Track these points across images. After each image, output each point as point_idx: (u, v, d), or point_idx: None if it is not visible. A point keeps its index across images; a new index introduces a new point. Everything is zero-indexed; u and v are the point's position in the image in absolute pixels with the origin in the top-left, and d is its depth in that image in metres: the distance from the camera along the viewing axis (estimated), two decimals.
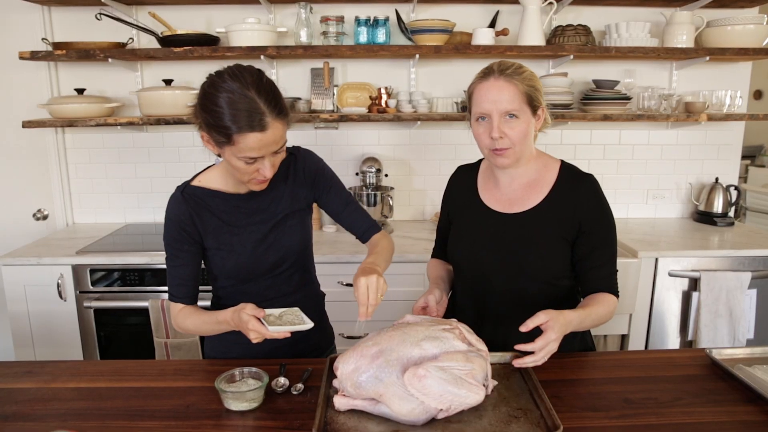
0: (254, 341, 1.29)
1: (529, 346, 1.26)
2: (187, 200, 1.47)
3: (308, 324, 1.33)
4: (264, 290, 1.54)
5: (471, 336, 1.30)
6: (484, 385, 1.21)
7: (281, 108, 1.31)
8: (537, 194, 1.52)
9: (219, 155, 1.41)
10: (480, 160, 1.68)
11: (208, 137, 1.34)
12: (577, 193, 1.49)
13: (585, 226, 1.47)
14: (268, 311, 1.34)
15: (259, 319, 1.28)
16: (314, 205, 1.64)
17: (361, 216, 1.65)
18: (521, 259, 1.50)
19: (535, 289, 1.50)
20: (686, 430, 1.17)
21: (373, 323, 1.43)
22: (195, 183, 1.51)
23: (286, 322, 1.34)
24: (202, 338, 2.44)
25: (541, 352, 1.25)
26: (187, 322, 1.47)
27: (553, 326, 1.26)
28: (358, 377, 1.19)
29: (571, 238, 1.49)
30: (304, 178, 1.57)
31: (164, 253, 1.49)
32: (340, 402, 1.20)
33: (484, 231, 1.56)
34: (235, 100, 1.26)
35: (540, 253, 1.49)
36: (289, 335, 1.30)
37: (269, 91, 1.31)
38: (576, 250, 1.50)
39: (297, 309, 1.40)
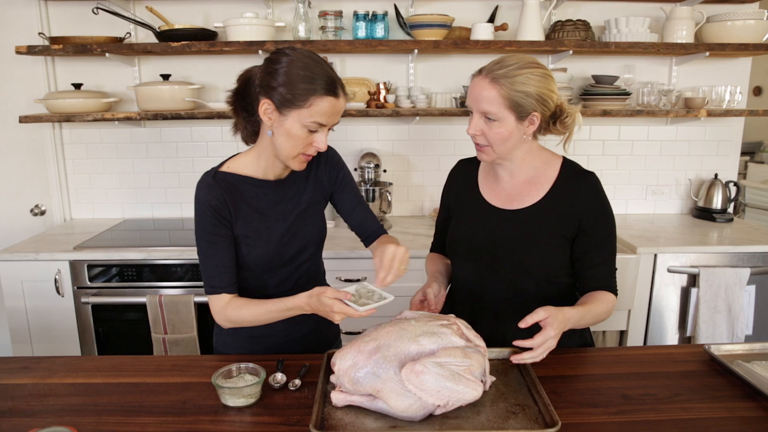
0: (337, 321, 1.30)
1: (527, 342, 1.26)
2: (220, 184, 1.44)
3: (389, 297, 1.32)
4: (281, 282, 1.55)
5: (469, 332, 1.29)
6: (482, 381, 1.21)
7: (344, 86, 1.37)
8: (537, 191, 1.51)
9: (256, 141, 1.44)
10: None
11: (270, 104, 1.33)
12: (577, 191, 1.48)
13: (585, 225, 1.47)
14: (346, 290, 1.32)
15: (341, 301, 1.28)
16: None
17: (371, 218, 1.66)
18: (520, 256, 1.50)
19: (534, 285, 1.50)
20: (684, 426, 1.16)
21: (371, 319, 1.42)
22: (224, 169, 1.48)
23: (365, 298, 1.32)
24: (201, 335, 2.44)
25: (539, 348, 1.25)
26: (242, 312, 1.42)
27: (552, 323, 1.26)
28: (356, 373, 1.18)
29: (571, 235, 1.48)
30: (326, 171, 1.59)
31: (192, 246, 1.49)
32: (337, 398, 1.20)
33: (484, 226, 1.55)
34: (312, 64, 1.31)
35: (539, 250, 1.49)
36: (375, 312, 1.29)
37: (334, 69, 1.37)
38: (575, 248, 1.49)
39: (366, 283, 1.39)
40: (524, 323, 1.27)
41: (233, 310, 1.43)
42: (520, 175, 1.53)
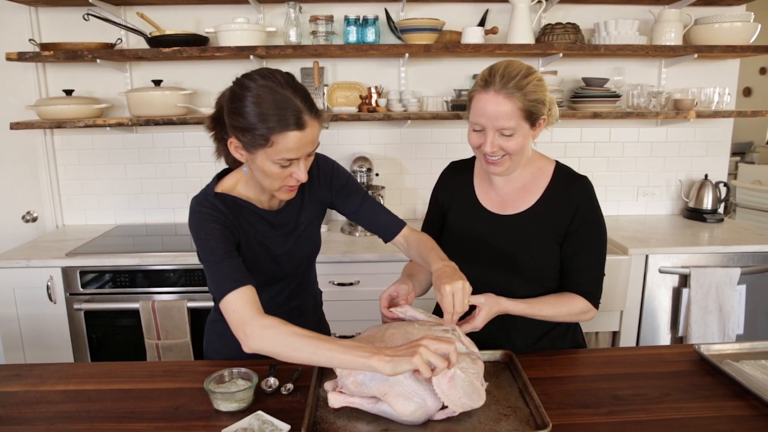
0: None
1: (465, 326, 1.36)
2: (225, 204, 1.36)
3: (284, 429, 1.17)
4: (275, 296, 1.53)
5: (465, 338, 1.30)
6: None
7: (315, 107, 1.26)
8: (531, 196, 1.52)
9: (242, 164, 1.34)
10: (473, 157, 1.67)
11: (238, 143, 1.26)
12: (569, 195, 1.49)
13: (572, 227, 1.47)
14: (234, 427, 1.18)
15: None
16: None
17: (381, 212, 1.57)
18: (514, 261, 1.50)
19: (527, 289, 1.50)
20: (674, 425, 1.17)
21: (367, 321, 1.42)
22: (219, 190, 1.40)
23: None
24: (195, 341, 2.43)
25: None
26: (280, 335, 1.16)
27: (482, 315, 1.36)
28: (363, 375, 1.17)
29: (561, 239, 1.49)
30: (320, 183, 1.52)
31: (184, 252, 1.42)
32: (335, 399, 1.19)
33: (478, 231, 1.56)
34: (270, 99, 1.20)
35: (532, 255, 1.50)
36: None
37: (303, 90, 1.26)
38: (562, 251, 1.50)
39: (261, 413, 1.22)
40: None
41: (271, 320, 1.18)
42: (515, 181, 1.54)
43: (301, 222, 1.51)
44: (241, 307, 1.20)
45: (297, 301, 1.59)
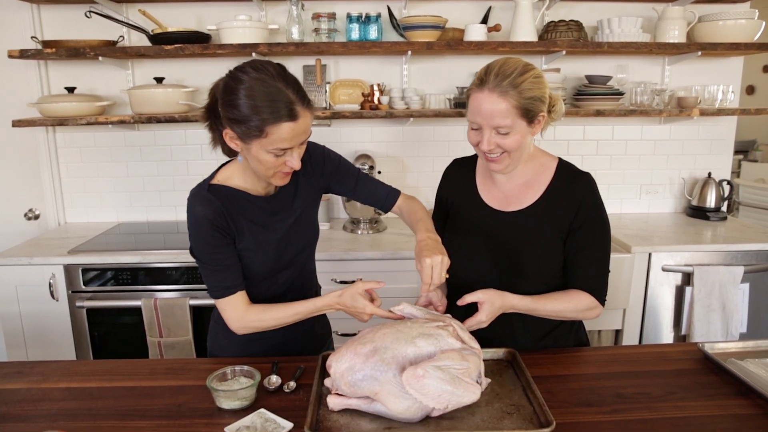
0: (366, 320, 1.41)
1: (465, 323, 1.35)
2: (217, 197, 1.40)
3: (288, 426, 1.18)
4: (276, 288, 1.54)
5: (464, 333, 1.29)
6: (477, 383, 1.21)
7: (307, 97, 1.31)
8: (533, 193, 1.52)
9: (237, 154, 1.39)
10: (476, 154, 1.66)
11: (233, 134, 1.30)
12: (572, 191, 1.48)
13: (575, 224, 1.47)
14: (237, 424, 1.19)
15: None
16: None
17: (375, 186, 1.65)
18: (516, 258, 1.50)
19: (529, 287, 1.49)
20: (679, 424, 1.17)
21: (369, 321, 1.42)
22: (216, 182, 1.45)
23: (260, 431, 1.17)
24: (197, 338, 2.43)
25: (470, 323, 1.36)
26: (265, 316, 1.42)
27: (486, 309, 1.36)
28: (353, 376, 1.18)
29: (564, 236, 1.49)
30: (312, 169, 1.56)
31: (187, 249, 1.45)
32: (334, 402, 1.20)
33: (481, 228, 1.55)
34: (264, 91, 1.24)
35: (535, 253, 1.49)
36: None
37: (294, 81, 1.30)
38: (566, 248, 1.49)
39: (263, 411, 1.22)
40: (462, 301, 1.37)
41: (255, 316, 1.42)
42: (517, 179, 1.54)
43: (296, 207, 1.53)
44: (230, 311, 1.43)
45: (298, 295, 1.58)
